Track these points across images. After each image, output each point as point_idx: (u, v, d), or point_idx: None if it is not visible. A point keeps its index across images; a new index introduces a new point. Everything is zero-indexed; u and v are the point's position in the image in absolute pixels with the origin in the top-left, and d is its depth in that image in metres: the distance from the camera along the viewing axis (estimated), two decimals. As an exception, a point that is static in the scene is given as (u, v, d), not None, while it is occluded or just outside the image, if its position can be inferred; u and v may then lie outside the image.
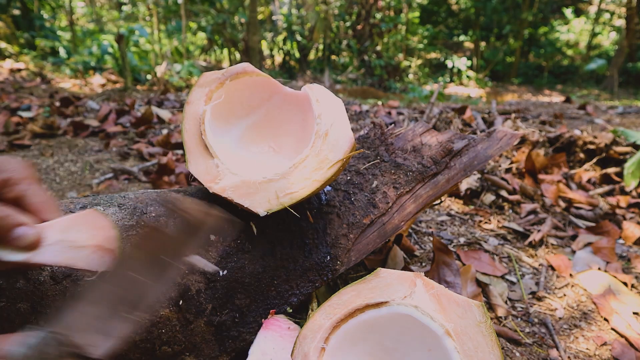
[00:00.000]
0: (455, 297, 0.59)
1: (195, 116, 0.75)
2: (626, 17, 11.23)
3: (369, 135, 0.96)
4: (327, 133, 0.73)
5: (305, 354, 0.57)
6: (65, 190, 1.81)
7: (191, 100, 0.76)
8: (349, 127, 0.73)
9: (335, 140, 0.72)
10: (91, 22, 12.21)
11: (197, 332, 0.69)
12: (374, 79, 9.57)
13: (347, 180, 0.88)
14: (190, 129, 0.75)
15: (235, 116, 0.83)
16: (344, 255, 0.79)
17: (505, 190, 1.75)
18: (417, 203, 0.90)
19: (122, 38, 4.66)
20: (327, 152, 0.71)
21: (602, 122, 3.18)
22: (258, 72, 0.80)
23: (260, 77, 0.80)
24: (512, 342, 0.95)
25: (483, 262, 1.24)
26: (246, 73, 0.79)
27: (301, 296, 0.76)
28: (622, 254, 1.40)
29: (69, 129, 2.62)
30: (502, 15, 12.97)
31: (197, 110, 0.75)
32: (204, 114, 0.75)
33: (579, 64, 14.00)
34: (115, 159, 2.19)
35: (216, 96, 0.77)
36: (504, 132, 1.03)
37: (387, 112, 3.18)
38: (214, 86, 0.78)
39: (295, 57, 10.63)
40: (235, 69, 0.79)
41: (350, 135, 0.72)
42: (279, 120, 0.85)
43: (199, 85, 0.77)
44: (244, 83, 0.80)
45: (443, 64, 13.04)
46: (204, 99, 0.76)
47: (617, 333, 1.02)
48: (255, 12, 7.68)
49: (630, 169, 1.80)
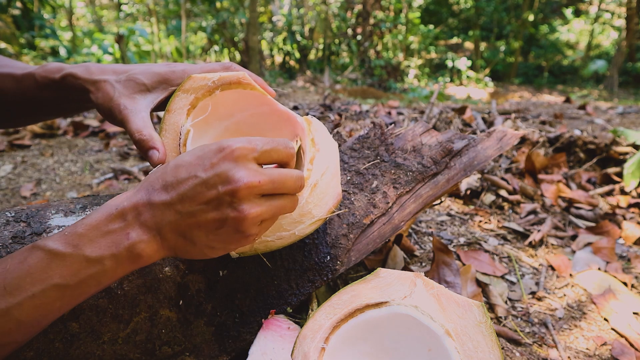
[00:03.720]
0: (455, 297, 0.59)
1: (175, 128, 0.65)
2: (626, 17, 11.23)
3: (369, 135, 0.96)
4: (316, 184, 0.65)
5: (305, 354, 0.57)
6: (65, 190, 1.81)
7: (172, 109, 0.66)
8: (339, 181, 0.68)
9: (322, 194, 0.65)
10: (91, 22, 12.21)
11: (197, 332, 0.69)
12: (374, 79, 9.57)
13: (347, 180, 0.88)
14: (168, 143, 0.64)
15: (215, 118, 0.73)
16: (344, 255, 0.79)
17: (505, 190, 1.75)
18: (417, 203, 0.90)
19: (122, 38, 4.66)
20: (312, 205, 0.64)
21: (602, 122, 3.18)
22: (253, 86, 0.69)
23: (254, 92, 0.70)
24: (512, 342, 0.95)
25: (483, 262, 1.24)
26: (240, 84, 0.69)
27: (301, 296, 0.76)
28: (622, 254, 1.40)
29: (69, 129, 2.62)
30: (503, 16, 12.97)
31: (178, 122, 0.65)
32: (187, 135, 0.64)
33: (579, 64, 14.00)
34: (115, 159, 2.19)
35: (201, 106, 0.67)
36: (504, 132, 1.03)
37: (387, 112, 3.18)
38: (201, 94, 0.67)
39: (295, 57, 10.63)
40: (229, 78, 0.68)
41: (339, 191, 0.67)
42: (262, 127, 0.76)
43: (184, 90, 0.66)
44: (236, 93, 0.70)
45: (443, 64, 13.04)
46: (187, 108, 0.66)
47: (617, 333, 1.02)
48: (255, 12, 7.67)
49: (630, 169, 1.80)
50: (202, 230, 0.49)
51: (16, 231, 0.62)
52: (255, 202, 0.49)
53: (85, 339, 0.61)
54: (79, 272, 0.46)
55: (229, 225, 0.49)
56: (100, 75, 0.66)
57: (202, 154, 0.50)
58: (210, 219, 0.48)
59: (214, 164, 0.48)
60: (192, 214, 0.48)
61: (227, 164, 0.48)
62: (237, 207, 0.48)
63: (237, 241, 0.51)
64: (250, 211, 0.48)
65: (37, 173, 1.97)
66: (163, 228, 0.48)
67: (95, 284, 0.48)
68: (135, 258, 0.48)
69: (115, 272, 0.48)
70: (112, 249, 0.47)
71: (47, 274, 0.45)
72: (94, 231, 0.47)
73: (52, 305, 0.46)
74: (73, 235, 0.47)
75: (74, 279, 0.46)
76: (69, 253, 0.46)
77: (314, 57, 11.15)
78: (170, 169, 0.50)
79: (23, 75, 0.68)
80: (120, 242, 0.47)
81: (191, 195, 0.48)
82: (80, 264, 0.46)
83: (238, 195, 0.47)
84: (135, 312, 0.64)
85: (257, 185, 0.48)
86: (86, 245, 0.46)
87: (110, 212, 0.48)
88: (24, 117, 0.77)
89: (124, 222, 0.48)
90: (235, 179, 0.47)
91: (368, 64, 9.79)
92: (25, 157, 2.14)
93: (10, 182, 1.86)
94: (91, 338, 0.62)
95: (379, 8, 9.76)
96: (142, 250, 0.48)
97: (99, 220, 0.48)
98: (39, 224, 0.64)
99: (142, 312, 0.64)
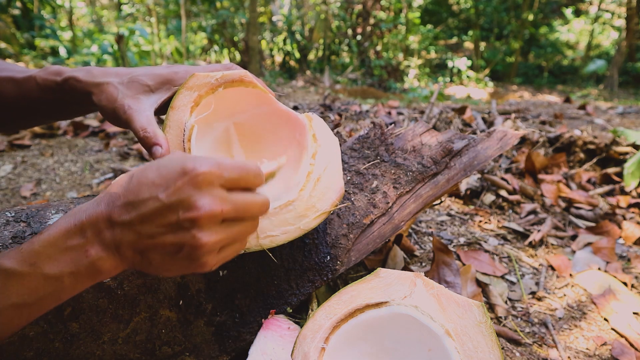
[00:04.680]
0: (455, 297, 0.59)
1: (179, 125, 0.67)
2: (626, 17, 11.23)
3: (369, 135, 0.96)
4: (319, 178, 0.68)
5: (305, 354, 0.57)
6: (65, 190, 1.81)
7: (176, 106, 0.67)
8: (341, 175, 0.70)
9: (326, 188, 0.68)
10: (91, 22, 12.21)
11: (197, 332, 0.69)
12: (374, 79, 9.56)
13: (347, 180, 0.88)
14: (172, 139, 0.67)
15: (217, 117, 0.75)
16: (344, 255, 0.79)
17: (505, 190, 1.75)
18: (417, 203, 0.90)
19: (122, 38, 4.66)
20: (315, 199, 0.67)
21: (602, 122, 3.18)
22: (255, 84, 0.72)
23: (256, 90, 0.73)
24: (512, 342, 0.95)
25: (483, 262, 1.24)
26: (242, 82, 0.71)
27: (301, 296, 0.76)
28: (622, 254, 1.40)
29: (69, 129, 2.62)
30: (503, 16, 12.97)
31: (182, 119, 0.67)
32: (191, 130, 0.66)
33: (579, 64, 14.00)
34: (115, 159, 2.19)
35: (205, 103, 0.69)
36: (504, 132, 1.03)
37: (387, 112, 3.18)
38: (204, 91, 0.69)
39: (295, 57, 10.63)
40: (232, 76, 0.70)
41: (341, 184, 0.69)
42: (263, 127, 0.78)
43: (187, 87, 0.68)
44: (238, 91, 0.72)
45: (443, 64, 13.04)
46: (191, 105, 0.68)
47: (617, 333, 1.02)
48: (255, 12, 7.67)
49: (630, 169, 1.80)
50: (158, 252, 0.48)
51: (16, 231, 0.62)
52: (214, 230, 0.48)
53: (85, 339, 0.61)
54: (37, 290, 0.46)
55: (185, 252, 0.48)
56: (102, 77, 0.66)
57: (166, 173, 0.47)
58: (167, 242, 0.47)
59: (177, 188, 0.46)
60: (151, 236, 0.47)
61: (189, 189, 0.46)
62: (195, 235, 0.46)
63: (194, 268, 0.50)
64: (209, 239, 0.47)
65: (37, 173, 1.97)
66: (121, 246, 0.48)
67: (54, 300, 0.48)
68: (94, 274, 0.48)
69: (74, 288, 0.48)
70: (71, 267, 0.46)
71: (4, 294, 0.44)
72: (51, 248, 0.46)
73: (11, 323, 0.46)
74: (30, 253, 0.46)
75: (32, 297, 0.45)
76: (26, 272, 0.45)
77: (314, 57, 11.14)
78: (133, 185, 0.48)
79: (24, 79, 0.68)
80: (79, 260, 0.47)
81: (151, 217, 0.47)
82: (38, 282, 0.45)
83: (198, 223, 0.46)
84: (135, 312, 0.64)
85: (219, 214, 0.47)
86: (44, 262, 0.46)
87: (68, 228, 0.47)
88: (24, 121, 0.77)
89: (83, 239, 0.47)
90: (197, 207, 0.46)
91: (368, 64, 9.79)
92: (25, 157, 2.14)
93: (10, 182, 1.86)
94: (91, 338, 0.62)
95: (379, 8, 9.76)
96: (102, 266, 0.48)
97: (56, 236, 0.47)
98: (39, 224, 0.64)
99: (142, 312, 0.64)
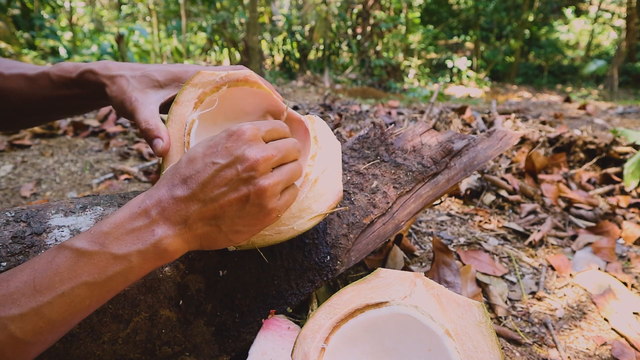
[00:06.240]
0: (455, 297, 0.59)
1: (182, 119, 0.68)
2: (626, 17, 11.23)
3: (369, 135, 0.96)
4: (317, 180, 0.67)
5: (305, 354, 0.57)
6: (65, 190, 1.81)
7: (180, 101, 0.68)
8: (340, 178, 0.69)
9: (323, 190, 0.67)
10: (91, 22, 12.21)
11: (197, 332, 0.69)
12: (374, 79, 9.56)
13: (347, 180, 0.88)
14: (173, 133, 0.67)
15: (221, 117, 0.75)
16: (344, 255, 0.79)
17: (505, 190, 1.75)
18: (417, 203, 0.90)
19: (122, 38, 4.66)
20: (311, 201, 0.66)
21: (602, 122, 3.18)
22: (260, 84, 0.72)
23: (261, 91, 0.72)
24: (512, 342, 0.95)
25: (483, 262, 1.24)
26: (247, 82, 0.71)
27: (301, 296, 0.76)
28: (622, 254, 1.40)
29: (69, 129, 2.62)
30: (503, 16, 12.97)
31: (185, 114, 0.68)
32: (192, 124, 0.67)
33: (579, 64, 14.00)
34: (115, 159, 2.19)
35: (208, 101, 0.70)
36: (504, 132, 1.03)
37: (387, 112, 3.18)
38: (209, 89, 0.69)
39: (295, 57, 10.63)
40: (236, 75, 0.70)
41: (340, 188, 0.68)
42: None
43: (192, 84, 0.69)
44: (242, 91, 0.72)
45: (443, 64, 13.04)
46: (195, 101, 0.69)
47: (617, 333, 1.02)
48: (255, 12, 7.67)
49: (630, 169, 1.80)
50: (226, 213, 0.52)
51: (16, 231, 0.62)
52: (270, 175, 0.54)
53: (85, 339, 0.61)
54: (107, 269, 0.47)
55: (251, 202, 0.53)
56: (117, 71, 0.69)
57: (213, 142, 0.54)
58: (233, 199, 0.52)
59: (228, 147, 0.53)
60: (215, 199, 0.51)
61: (240, 146, 0.53)
62: (256, 183, 0.52)
63: (261, 220, 0.55)
64: (270, 181, 0.53)
65: (37, 173, 1.97)
66: (189, 219, 0.51)
67: (122, 281, 0.49)
68: (161, 253, 0.50)
69: (142, 268, 0.50)
70: (138, 246, 0.49)
71: (76, 272, 0.46)
72: (119, 229, 0.49)
73: (82, 304, 0.47)
74: (99, 234, 0.48)
75: (101, 276, 0.47)
76: (95, 251, 0.47)
77: (314, 57, 11.15)
78: (185, 164, 0.53)
79: (37, 75, 0.70)
80: (146, 239, 0.49)
81: (211, 181, 0.51)
82: (107, 261, 0.47)
83: (256, 170, 0.52)
84: (135, 312, 0.64)
85: (271, 158, 0.54)
86: (112, 243, 0.48)
87: (133, 211, 0.50)
88: (35, 117, 0.78)
89: (148, 219, 0.50)
90: (252, 157, 0.52)
91: (368, 64, 9.79)
92: (25, 157, 2.14)
93: (10, 182, 1.86)
94: (91, 338, 0.61)
95: (379, 8, 9.76)
96: (169, 245, 0.50)
97: (122, 218, 0.50)
98: (39, 224, 0.64)
99: (142, 312, 0.64)
